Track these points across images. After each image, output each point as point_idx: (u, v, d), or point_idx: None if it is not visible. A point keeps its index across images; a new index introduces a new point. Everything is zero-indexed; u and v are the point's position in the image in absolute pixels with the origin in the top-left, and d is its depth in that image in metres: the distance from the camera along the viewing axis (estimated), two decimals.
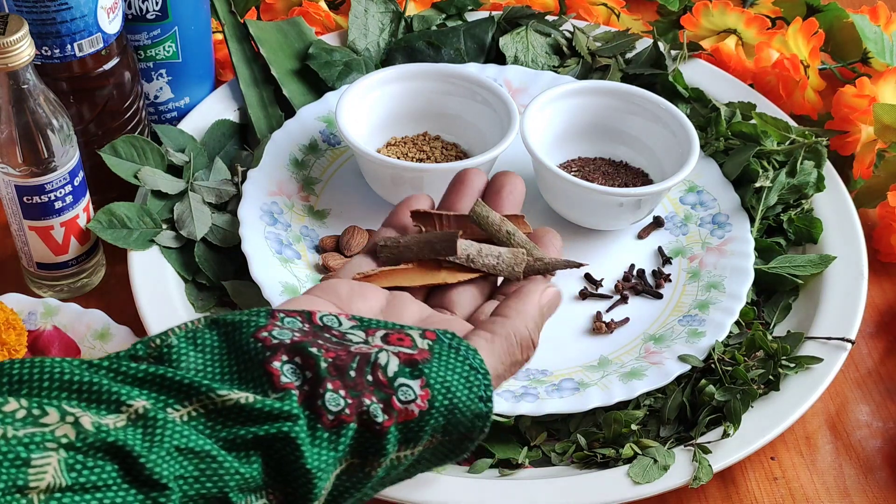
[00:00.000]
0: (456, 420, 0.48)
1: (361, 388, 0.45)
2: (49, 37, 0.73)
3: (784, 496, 0.71)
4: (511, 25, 0.97)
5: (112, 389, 0.41)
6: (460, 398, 0.48)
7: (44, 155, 0.71)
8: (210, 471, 0.42)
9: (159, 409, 0.42)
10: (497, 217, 0.58)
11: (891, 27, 0.99)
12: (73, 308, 0.75)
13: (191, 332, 0.46)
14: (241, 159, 0.85)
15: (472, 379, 0.48)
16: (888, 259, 0.86)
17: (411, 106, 0.86)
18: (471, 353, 0.49)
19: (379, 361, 0.46)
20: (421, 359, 0.47)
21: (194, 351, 0.45)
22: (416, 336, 0.49)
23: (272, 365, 0.45)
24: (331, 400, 0.44)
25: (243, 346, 0.45)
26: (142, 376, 0.43)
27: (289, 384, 0.44)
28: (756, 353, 0.74)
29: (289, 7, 1.01)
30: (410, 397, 0.46)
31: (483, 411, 0.48)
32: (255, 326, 0.46)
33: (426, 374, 0.47)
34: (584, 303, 0.79)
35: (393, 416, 0.45)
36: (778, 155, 0.85)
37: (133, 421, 0.41)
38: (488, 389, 0.49)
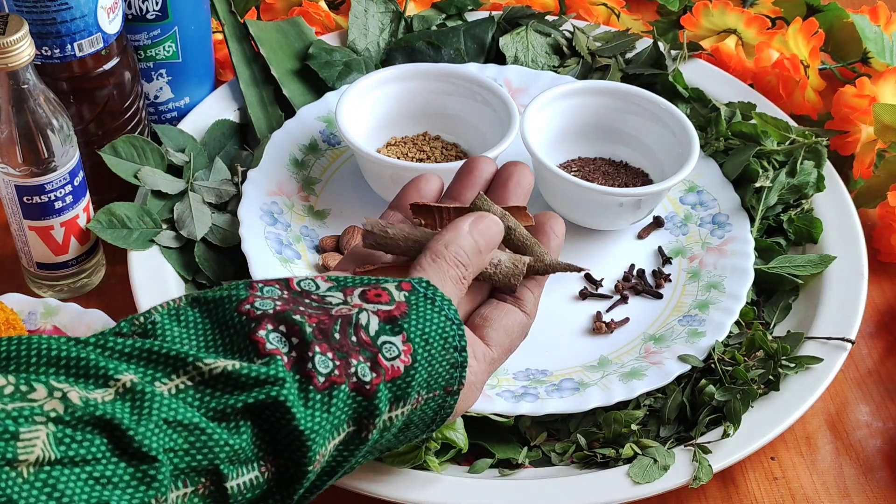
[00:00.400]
0: (435, 372, 0.49)
1: (347, 350, 0.46)
2: (49, 37, 0.73)
3: (784, 496, 0.71)
4: (511, 25, 0.97)
5: (100, 364, 0.42)
6: (436, 348, 0.49)
7: (44, 155, 0.71)
8: (199, 443, 0.42)
9: (147, 382, 0.42)
10: (498, 211, 0.57)
11: (891, 27, 0.99)
12: (73, 308, 0.75)
13: (173, 310, 0.46)
14: (241, 159, 0.85)
15: (448, 329, 0.49)
16: (888, 259, 0.86)
17: (411, 106, 0.86)
18: (445, 303, 0.50)
19: (360, 322, 0.47)
20: (399, 314, 0.48)
21: (178, 326, 0.46)
22: (393, 289, 0.49)
23: (258, 334, 0.45)
24: (320, 362, 0.45)
25: (228, 321, 0.46)
26: (129, 351, 0.43)
27: (275, 350, 0.44)
28: (756, 353, 0.74)
29: (289, 7, 1.01)
30: (395, 353, 0.47)
31: (458, 360, 0.50)
32: (237, 300, 0.46)
33: (406, 329, 0.48)
34: (584, 303, 0.79)
35: (381, 374, 0.46)
36: (778, 155, 0.85)
37: (121, 395, 0.41)
38: (462, 339, 0.50)
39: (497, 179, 0.61)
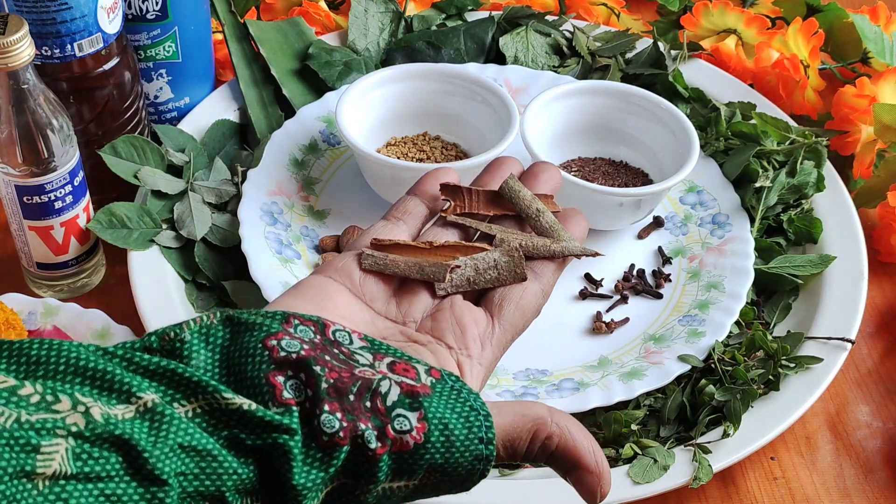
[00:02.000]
0: (454, 461, 0.47)
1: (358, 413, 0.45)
2: (49, 37, 0.73)
3: (784, 496, 0.71)
4: (511, 25, 0.97)
5: (124, 380, 0.42)
6: (458, 437, 0.47)
7: (44, 155, 0.71)
8: (210, 469, 0.42)
9: (167, 402, 0.43)
10: (528, 194, 0.57)
11: (891, 27, 0.99)
12: (73, 308, 0.75)
13: (204, 328, 0.46)
14: (241, 159, 0.85)
15: (473, 419, 0.47)
16: (888, 259, 0.86)
17: (411, 106, 0.86)
18: (472, 395, 0.48)
19: (380, 389, 0.46)
20: (423, 392, 0.47)
21: (205, 349, 0.46)
22: (422, 371, 0.48)
23: (276, 378, 0.45)
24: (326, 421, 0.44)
25: (249, 350, 0.45)
26: (153, 368, 0.43)
27: (290, 400, 0.44)
28: (756, 353, 0.74)
29: (289, 7, 1.01)
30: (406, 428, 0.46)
31: (483, 454, 0.47)
32: (267, 332, 0.46)
33: (425, 408, 0.46)
34: (584, 303, 0.79)
35: (387, 444, 0.45)
36: (778, 155, 0.85)
37: (141, 414, 0.41)
38: (490, 431, 0.48)
39: (527, 173, 0.60)
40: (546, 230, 0.57)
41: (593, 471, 0.49)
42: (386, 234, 0.55)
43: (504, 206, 0.57)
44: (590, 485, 0.49)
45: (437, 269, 0.54)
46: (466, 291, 0.54)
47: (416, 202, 0.58)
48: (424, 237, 0.56)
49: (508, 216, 0.58)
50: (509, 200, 0.57)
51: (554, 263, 0.56)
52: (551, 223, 0.57)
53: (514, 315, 0.54)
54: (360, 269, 0.53)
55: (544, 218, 0.57)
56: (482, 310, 0.54)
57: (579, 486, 0.50)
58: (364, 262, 0.53)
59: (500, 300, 0.54)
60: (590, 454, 0.49)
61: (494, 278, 0.55)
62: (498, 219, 0.58)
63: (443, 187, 0.57)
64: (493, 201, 0.58)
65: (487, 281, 0.55)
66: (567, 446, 0.49)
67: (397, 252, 0.54)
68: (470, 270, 0.54)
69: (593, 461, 0.49)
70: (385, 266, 0.54)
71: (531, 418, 0.49)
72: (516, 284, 0.55)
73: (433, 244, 0.54)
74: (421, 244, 0.54)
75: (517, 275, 0.55)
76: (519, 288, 0.54)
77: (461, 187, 0.57)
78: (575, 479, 0.50)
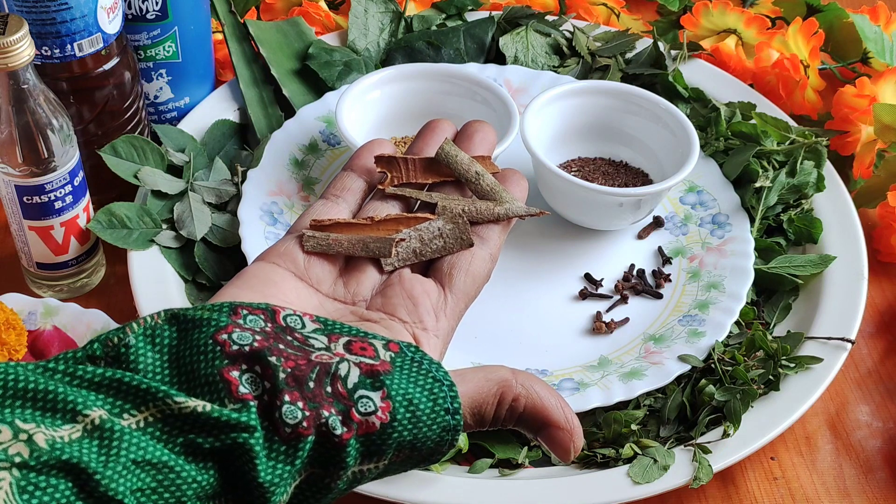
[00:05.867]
0: (423, 435, 0.46)
1: (320, 400, 0.44)
2: (49, 37, 0.73)
3: (784, 496, 0.71)
4: (511, 25, 0.97)
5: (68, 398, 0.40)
6: (424, 410, 0.46)
7: (44, 155, 0.71)
8: (168, 481, 0.40)
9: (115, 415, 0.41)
10: (466, 157, 0.56)
11: (891, 27, 0.99)
12: (73, 308, 0.74)
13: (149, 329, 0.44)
14: (241, 159, 0.85)
15: (437, 391, 0.46)
16: (888, 259, 0.86)
17: (411, 106, 0.86)
18: (434, 366, 0.47)
19: (339, 373, 0.45)
20: (383, 370, 0.46)
21: (152, 351, 0.44)
22: (380, 347, 0.47)
23: (231, 374, 0.43)
24: (288, 412, 0.43)
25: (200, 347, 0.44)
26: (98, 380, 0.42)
27: (247, 395, 0.43)
28: (756, 353, 0.74)
29: (289, 7, 1.01)
30: (370, 409, 0.44)
31: (451, 424, 0.47)
32: (216, 327, 0.44)
33: (387, 386, 0.45)
34: (584, 303, 0.79)
35: (352, 429, 0.44)
36: (778, 155, 0.85)
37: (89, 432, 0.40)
38: (455, 401, 0.47)
39: (461, 134, 0.59)
40: (487, 193, 0.56)
41: (564, 426, 0.49)
42: (325, 213, 0.54)
43: (442, 172, 0.56)
44: (562, 441, 0.49)
45: (381, 245, 0.53)
46: (414, 264, 0.53)
47: (353, 177, 0.56)
48: (365, 213, 0.55)
49: (448, 182, 0.56)
50: (447, 166, 0.56)
51: (499, 226, 0.55)
52: (492, 185, 0.56)
53: (465, 282, 0.53)
54: (303, 251, 0.52)
55: (484, 181, 0.56)
56: (432, 281, 0.52)
57: (551, 443, 0.49)
58: (306, 245, 0.52)
59: (450, 269, 0.53)
60: (558, 410, 0.49)
61: (441, 247, 0.54)
62: (437, 186, 0.57)
63: (377, 159, 0.56)
64: (430, 168, 0.56)
65: (434, 251, 0.54)
66: (535, 406, 0.49)
67: (339, 231, 0.53)
68: (415, 242, 0.54)
69: (563, 417, 0.49)
70: (328, 246, 0.52)
71: (495, 382, 0.48)
72: (464, 251, 0.54)
73: (374, 219, 0.53)
74: (362, 220, 0.53)
75: (463, 241, 0.54)
76: (467, 254, 0.53)
77: (396, 158, 0.56)
78: (546, 438, 0.49)
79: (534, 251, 0.81)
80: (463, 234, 0.54)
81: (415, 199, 0.56)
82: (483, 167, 0.56)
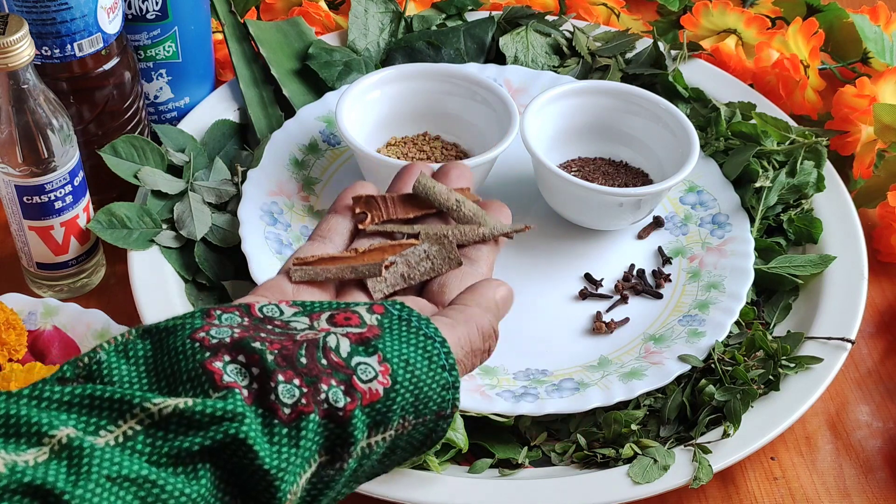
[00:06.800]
0: (424, 395, 0.45)
1: (317, 373, 0.42)
2: (49, 37, 0.73)
3: (784, 496, 0.71)
4: (511, 25, 0.97)
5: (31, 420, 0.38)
6: (421, 369, 0.45)
7: (44, 155, 0.71)
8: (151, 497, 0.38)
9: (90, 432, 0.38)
10: (443, 188, 0.55)
11: (891, 27, 0.99)
12: (73, 308, 0.74)
13: (121, 345, 0.42)
14: (241, 159, 0.85)
15: (430, 348, 0.45)
16: (888, 259, 0.86)
17: (411, 106, 0.86)
18: (423, 322, 0.46)
19: (328, 344, 0.43)
20: (372, 335, 0.44)
21: (126, 364, 0.42)
22: (364, 312, 0.46)
23: (213, 364, 0.41)
24: (284, 392, 0.41)
25: (178, 349, 0.42)
26: (68, 399, 0.39)
27: (232, 383, 0.41)
28: (756, 353, 0.74)
29: (289, 7, 1.01)
30: (371, 375, 0.43)
31: (449, 381, 0.46)
32: (191, 328, 0.42)
33: (381, 350, 0.44)
34: (584, 303, 0.79)
35: (356, 398, 0.42)
36: (778, 155, 0.85)
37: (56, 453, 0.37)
38: (449, 357, 0.46)
39: (437, 174, 0.58)
40: (469, 218, 0.55)
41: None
42: (311, 251, 0.53)
43: (422, 206, 0.56)
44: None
45: (370, 267, 0.52)
46: (404, 288, 0.53)
47: (338, 219, 0.55)
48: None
49: (429, 215, 0.56)
50: (425, 198, 0.55)
51: (487, 246, 0.55)
52: (474, 210, 0.55)
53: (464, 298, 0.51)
54: (291, 282, 0.51)
55: (465, 206, 0.55)
56: (425, 299, 0.52)
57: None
58: (294, 276, 0.51)
59: (440, 288, 0.52)
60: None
61: (429, 269, 0.53)
62: (419, 220, 0.56)
63: (354, 200, 0.55)
64: (409, 203, 0.56)
65: (423, 273, 0.53)
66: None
67: (325, 264, 0.52)
68: (403, 266, 0.53)
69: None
70: (316, 274, 0.52)
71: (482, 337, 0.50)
72: (453, 271, 0.53)
73: (359, 251, 0.53)
74: (347, 253, 0.53)
75: (451, 260, 0.53)
76: (457, 274, 0.53)
77: (374, 196, 0.55)
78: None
79: (534, 251, 0.81)
80: (450, 253, 0.53)
81: (398, 233, 0.55)
82: (463, 196, 0.56)
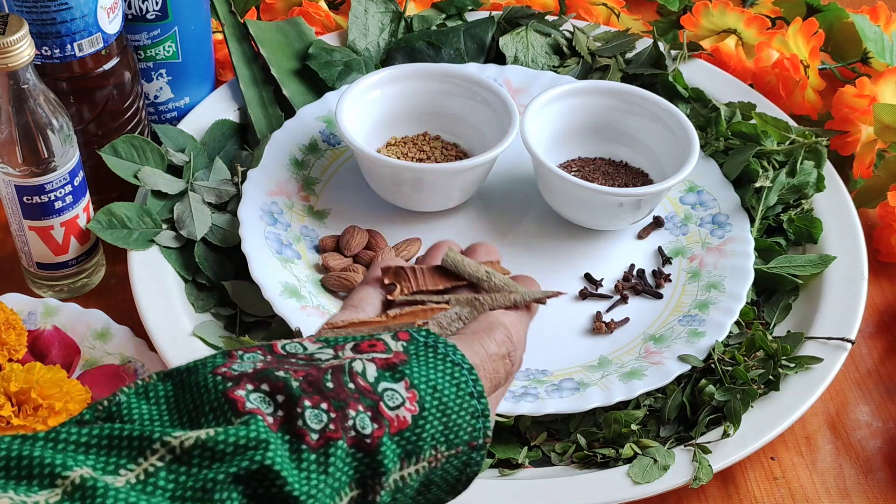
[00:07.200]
0: (454, 424, 0.44)
1: (345, 397, 0.41)
2: (49, 37, 0.73)
3: (784, 496, 0.71)
4: (511, 25, 0.97)
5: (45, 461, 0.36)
6: (449, 396, 0.44)
7: (44, 155, 0.71)
8: None
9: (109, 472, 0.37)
10: (472, 261, 0.55)
11: (891, 27, 0.99)
12: (73, 308, 0.75)
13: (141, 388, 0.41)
14: (241, 159, 0.85)
15: (458, 375, 0.45)
16: (888, 259, 0.86)
17: (411, 106, 0.86)
18: (449, 349, 0.45)
19: (355, 368, 0.42)
20: (398, 361, 0.44)
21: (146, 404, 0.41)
22: (388, 339, 0.45)
23: (235, 393, 0.40)
24: (312, 417, 0.40)
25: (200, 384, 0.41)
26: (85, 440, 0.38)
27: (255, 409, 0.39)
28: (756, 353, 0.74)
29: (289, 7, 1.01)
30: (398, 402, 0.42)
31: (478, 408, 0.45)
32: (213, 365, 0.41)
33: (408, 375, 0.43)
34: (584, 303, 0.79)
35: (383, 425, 0.41)
36: (778, 155, 0.85)
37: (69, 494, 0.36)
38: (478, 384, 0.45)
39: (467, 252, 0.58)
40: (500, 287, 0.55)
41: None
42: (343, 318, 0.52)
43: (451, 278, 0.55)
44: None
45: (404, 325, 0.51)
46: None
47: (369, 289, 0.55)
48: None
49: (459, 286, 0.55)
50: (454, 270, 0.55)
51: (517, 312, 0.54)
52: (504, 280, 0.55)
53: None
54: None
55: (496, 277, 0.55)
56: None
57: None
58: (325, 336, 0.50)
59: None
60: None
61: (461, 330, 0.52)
62: (449, 291, 0.55)
63: (383, 270, 0.54)
64: (439, 274, 0.55)
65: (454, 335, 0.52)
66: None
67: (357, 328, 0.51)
68: (435, 328, 0.52)
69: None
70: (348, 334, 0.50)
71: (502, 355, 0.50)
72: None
73: (390, 315, 0.52)
74: (378, 318, 0.52)
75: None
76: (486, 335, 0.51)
77: (403, 267, 0.55)
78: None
79: (534, 251, 0.81)
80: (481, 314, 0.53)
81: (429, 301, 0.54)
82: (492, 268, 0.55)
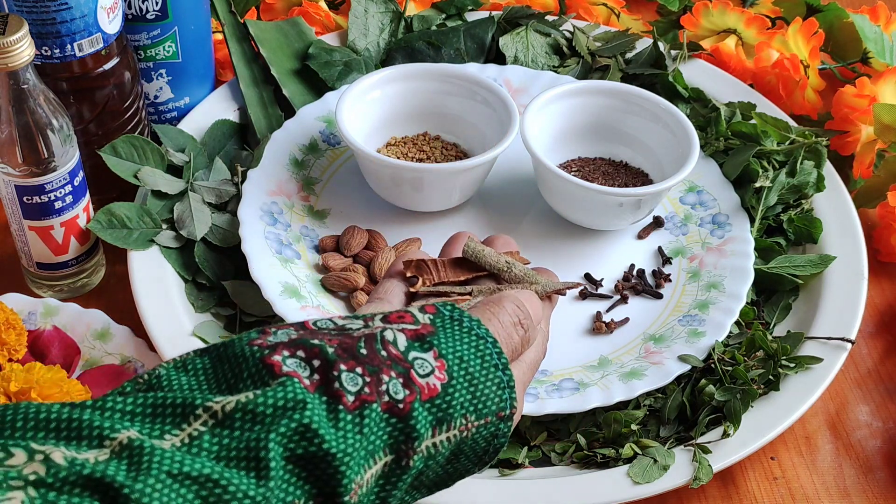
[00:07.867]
0: (481, 394, 0.46)
1: (378, 363, 0.43)
2: (49, 37, 0.73)
3: (784, 496, 0.71)
4: (511, 25, 0.97)
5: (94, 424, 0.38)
6: (475, 367, 0.46)
7: (44, 155, 0.71)
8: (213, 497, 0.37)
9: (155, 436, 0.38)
10: (492, 251, 0.56)
11: (891, 27, 0.99)
12: (73, 308, 0.75)
13: (180, 362, 0.43)
14: (241, 159, 0.85)
15: (482, 347, 0.47)
16: (888, 259, 0.86)
17: (411, 106, 0.86)
18: (474, 322, 0.47)
19: (386, 337, 0.44)
20: (427, 332, 0.46)
21: (185, 375, 0.43)
22: (416, 311, 0.47)
23: (272, 358, 0.42)
24: (348, 380, 0.42)
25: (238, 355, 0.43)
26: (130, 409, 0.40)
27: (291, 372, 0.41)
28: (756, 353, 0.74)
29: (289, 7, 1.01)
30: (428, 370, 0.44)
31: (503, 379, 0.46)
32: (248, 339, 0.44)
33: (436, 346, 0.45)
34: (584, 303, 0.79)
35: (415, 392, 0.43)
36: (778, 155, 0.85)
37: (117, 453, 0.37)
38: (501, 357, 0.47)
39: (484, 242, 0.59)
40: (521, 278, 0.56)
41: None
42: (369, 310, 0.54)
43: (472, 269, 0.56)
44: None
45: None
46: None
47: (393, 282, 0.56)
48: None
49: (480, 277, 0.57)
50: (475, 261, 0.56)
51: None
52: (524, 271, 0.56)
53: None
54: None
55: (516, 267, 0.56)
56: None
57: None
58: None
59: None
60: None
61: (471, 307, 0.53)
62: (471, 281, 0.57)
63: (405, 264, 0.56)
64: (459, 266, 0.57)
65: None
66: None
67: None
68: None
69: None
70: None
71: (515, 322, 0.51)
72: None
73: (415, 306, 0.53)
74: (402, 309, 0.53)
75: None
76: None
77: (425, 260, 0.56)
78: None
79: (534, 251, 0.81)
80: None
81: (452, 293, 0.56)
82: (512, 259, 0.57)
